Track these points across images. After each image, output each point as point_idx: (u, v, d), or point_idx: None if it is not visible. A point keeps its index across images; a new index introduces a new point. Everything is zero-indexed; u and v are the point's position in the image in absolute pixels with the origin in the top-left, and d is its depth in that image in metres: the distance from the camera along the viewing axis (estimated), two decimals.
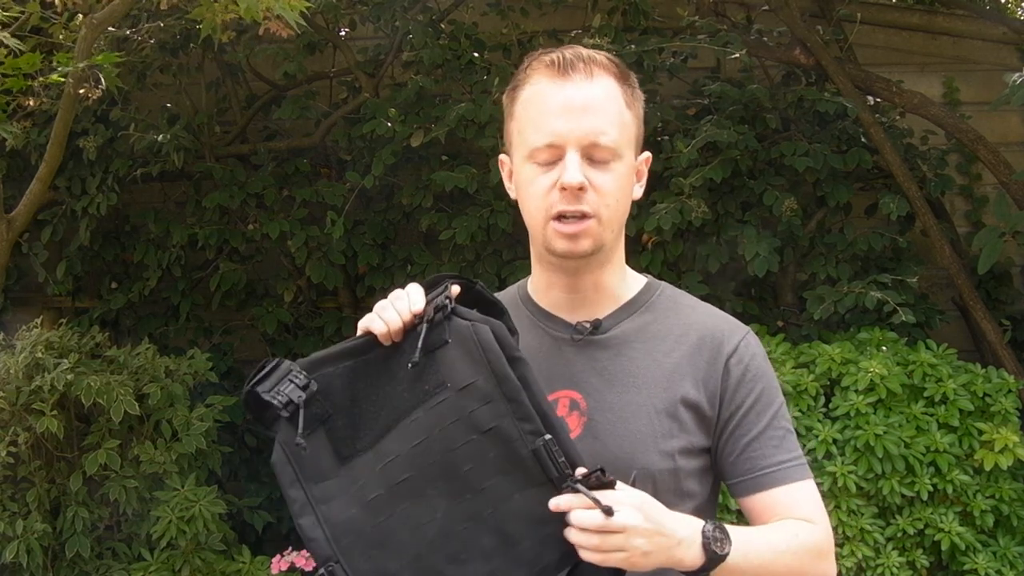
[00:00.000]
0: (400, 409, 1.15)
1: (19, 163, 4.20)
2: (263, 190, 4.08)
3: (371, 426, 1.16)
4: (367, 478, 1.14)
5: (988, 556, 3.11)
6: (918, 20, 4.37)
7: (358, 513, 1.13)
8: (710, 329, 1.34)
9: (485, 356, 1.14)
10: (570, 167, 1.23)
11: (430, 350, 1.15)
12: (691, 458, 1.29)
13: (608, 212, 1.26)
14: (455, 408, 1.13)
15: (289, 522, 3.98)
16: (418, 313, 1.17)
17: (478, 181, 3.74)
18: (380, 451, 1.14)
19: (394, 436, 1.14)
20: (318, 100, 4.23)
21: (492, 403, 1.12)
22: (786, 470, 1.29)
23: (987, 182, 4.16)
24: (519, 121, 1.30)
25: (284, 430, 1.16)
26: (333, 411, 1.16)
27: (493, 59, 4.00)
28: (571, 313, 1.35)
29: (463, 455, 1.11)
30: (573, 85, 1.25)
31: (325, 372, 1.17)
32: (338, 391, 1.17)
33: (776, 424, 1.31)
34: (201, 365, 3.73)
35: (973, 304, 3.75)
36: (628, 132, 1.28)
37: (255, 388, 1.16)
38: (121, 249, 4.41)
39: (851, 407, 3.14)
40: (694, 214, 3.44)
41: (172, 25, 3.80)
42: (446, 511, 1.10)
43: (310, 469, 1.15)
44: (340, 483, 1.14)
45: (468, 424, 1.12)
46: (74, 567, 3.46)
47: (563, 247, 1.27)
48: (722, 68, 4.19)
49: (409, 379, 1.15)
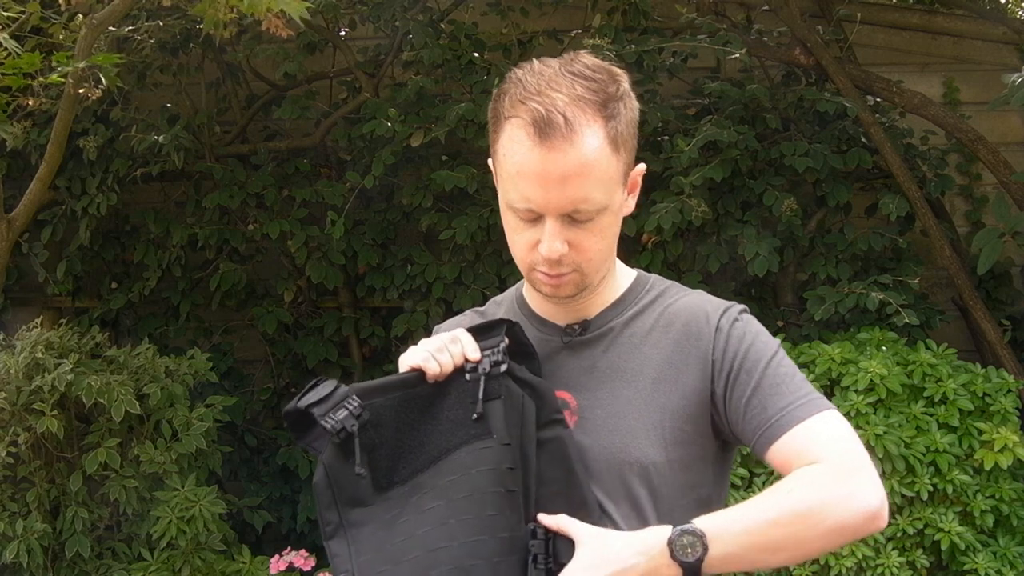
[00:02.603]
0: (442, 448, 1.21)
1: (19, 163, 4.20)
2: (263, 190, 4.08)
3: (410, 460, 1.21)
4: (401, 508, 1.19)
5: (988, 556, 3.11)
6: (918, 20, 4.37)
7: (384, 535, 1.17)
8: (694, 312, 1.32)
9: (522, 430, 1.21)
10: (547, 238, 1.21)
11: (485, 400, 1.21)
12: (687, 447, 1.28)
13: (591, 265, 1.26)
14: (494, 458, 1.19)
15: (289, 522, 3.99)
16: (472, 361, 1.23)
17: (478, 181, 3.74)
18: (417, 483, 1.20)
19: (432, 471, 1.20)
20: (318, 100, 4.23)
21: (516, 472, 1.19)
22: (791, 411, 1.23)
23: (987, 182, 4.16)
24: (500, 169, 1.26)
25: (330, 453, 1.18)
26: (379, 442, 1.20)
27: (493, 59, 4.00)
28: (562, 316, 1.36)
29: (489, 501, 1.17)
30: (551, 153, 1.17)
31: (376, 402, 1.20)
32: (386, 423, 1.21)
33: (770, 372, 1.26)
34: (201, 365, 3.73)
35: (973, 304, 3.75)
36: (614, 181, 1.23)
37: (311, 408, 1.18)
38: (121, 249, 4.41)
39: (851, 407, 3.14)
40: (694, 214, 3.44)
41: (172, 25, 3.80)
42: (461, 544, 1.15)
43: (348, 493, 1.19)
44: (375, 510, 1.19)
45: (499, 477, 1.18)
46: (74, 567, 3.46)
47: (547, 291, 1.29)
48: (722, 68, 4.19)
49: (454, 421, 1.21)
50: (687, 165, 3.47)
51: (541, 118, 1.17)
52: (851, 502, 1.14)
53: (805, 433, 1.21)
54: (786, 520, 1.13)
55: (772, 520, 1.13)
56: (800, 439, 1.20)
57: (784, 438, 1.21)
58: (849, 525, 1.14)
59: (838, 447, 1.19)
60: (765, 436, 1.23)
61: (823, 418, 1.22)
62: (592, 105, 1.19)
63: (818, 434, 1.20)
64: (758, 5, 4.22)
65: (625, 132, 1.23)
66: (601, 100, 1.20)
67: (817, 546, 1.15)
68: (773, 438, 1.22)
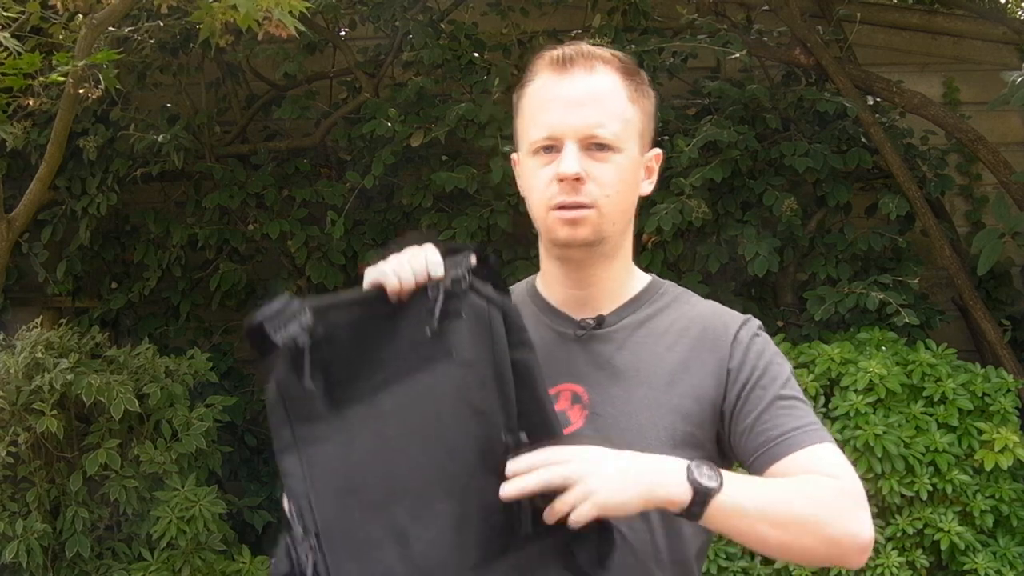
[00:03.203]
0: (401, 369, 1.16)
1: (19, 163, 4.20)
2: (263, 190, 4.08)
3: (368, 378, 1.16)
4: (358, 427, 1.14)
5: (988, 556, 3.11)
6: (918, 20, 4.37)
7: (340, 457, 1.13)
8: (712, 320, 1.34)
9: (492, 344, 1.16)
10: (567, 158, 1.24)
11: (444, 318, 1.16)
12: (695, 450, 1.27)
13: (608, 203, 1.27)
14: (455, 379, 1.15)
15: None
16: (436, 278, 1.17)
17: (478, 181, 3.74)
18: (374, 403, 1.15)
19: (391, 392, 1.15)
20: (318, 100, 4.23)
21: (486, 389, 1.14)
22: (800, 435, 1.24)
23: (987, 182, 4.16)
24: (523, 117, 1.33)
25: (282, 368, 1.14)
26: (333, 358, 1.15)
27: (493, 59, 4.00)
28: (576, 310, 1.35)
29: (451, 424, 1.13)
30: (571, 79, 1.27)
31: (331, 319, 1.16)
32: (341, 340, 1.16)
33: (784, 394, 1.27)
34: (201, 365, 3.73)
35: (973, 304, 3.75)
36: (631, 126, 1.29)
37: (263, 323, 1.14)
38: (121, 249, 4.41)
39: (850, 407, 3.14)
40: (694, 214, 3.44)
41: (172, 25, 3.80)
42: (421, 471, 1.12)
43: (301, 410, 1.14)
44: (329, 428, 1.14)
45: (463, 398, 1.14)
46: (74, 567, 3.46)
47: (564, 234, 1.27)
48: (722, 68, 4.19)
49: (414, 341, 1.16)
50: (687, 165, 3.47)
51: (563, 55, 1.28)
52: (855, 526, 1.17)
53: (810, 455, 1.22)
54: (800, 506, 1.15)
55: (788, 500, 1.15)
56: (805, 460, 1.22)
57: (789, 458, 1.22)
58: (842, 544, 1.16)
59: (847, 473, 1.22)
60: (770, 453, 1.24)
61: (828, 448, 1.24)
62: (613, 62, 1.30)
63: (823, 459, 1.23)
64: (758, 5, 4.22)
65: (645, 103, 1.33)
66: (624, 65, 1.31)
67: (807, 545, 1.16)
68: (778, 456, 1.23)
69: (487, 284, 1.20)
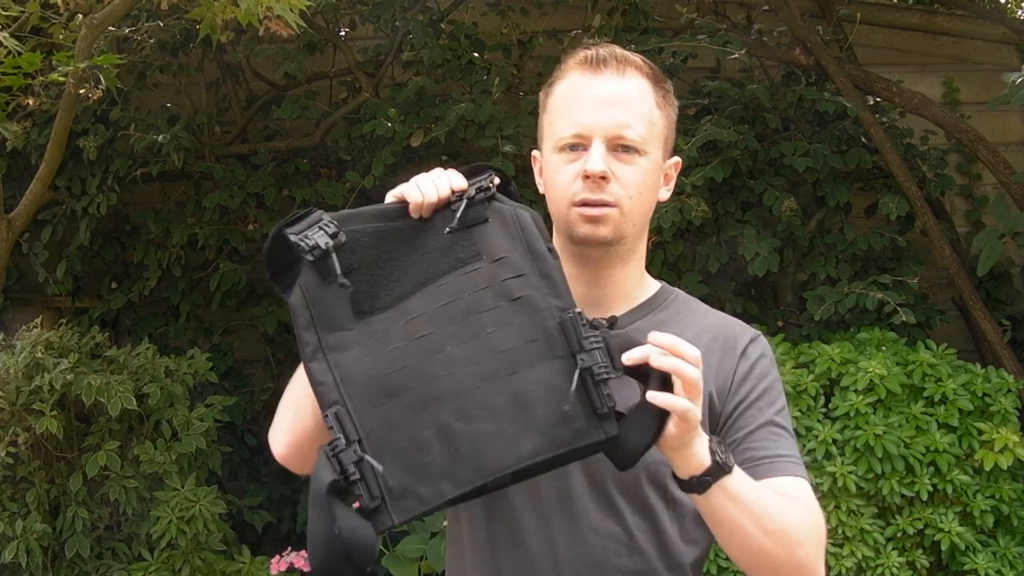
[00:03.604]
0: (429, 274, 1.14)
1: (19, 163, 4.20)
2: (263, 190, 4.08)
3: (394, 287, 1.14)
4: (386, 332, 1.12)
5: (988, 556, 3.11)
6: (918, 20, 4.37)
7: (372, 362, 1.10)
8: (723, 330, 1.36)
9: (523, 235, 1.15)
10: (594, 156, 1.25)
11: (469, 225, 1.15)
12: None
13: (630, 204, 1.28)
14: (487, 276, 1.12)
15: (289, 522, 3.99)
16: (458, 190, 1.16)
17: None
18: (402, 310, 1.13)
19: (419, 297, 1.13)
20: (318, 100, 4.23)
21: (525, 276, 1.13)
22: (785, 462, 1.27)
23: (987, 182, 4.16)
24: (551, 114, 1.33)
25: (306, 274, 1.13)
26: (358, 266, 1.13)
27: (493, 59, 4.00)
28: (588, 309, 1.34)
29: (488, 319, 1.10)
30: (603, 79, 1.29)
31: (354, 228, 1.14)
32: (364, 248, 1.14)
33: (777, 421, 1.30)
34: (201, 365, 3.73)
35: (973, 304, 3.75)
36: (656, 131, 1.31)
37: (284, 230, 1.13)
38: (121, 249, 4.41)
39: (851, 407, 3.14)
40: (694, 213, 3.44)
41: (172, 25, 3.80)
42: (463, 368, 1.09)
43: (327, 316, 1.12)
44: (356, 335, 1.12)
45: (498, 291, 1.12)
46: (74, 567, 3.46)
47: (584, 231, 1.28)
48: (722, 68, 4.19)
49: (441, 249, 1.15)
50: (687, 165, 3.47)
51: (596, 55, 1.30)
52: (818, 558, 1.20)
53: (792, 484, 1.24)
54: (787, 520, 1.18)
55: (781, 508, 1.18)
56: (787, 487, 1.24)
57: (776, 480, 1.24)
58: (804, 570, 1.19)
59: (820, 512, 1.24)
60: (756, 469, 1.25)
61: (805, 485, 1.27)
62: (643, 68, 1.33)
63: (802, 492, 1.25)
64: (758, 5, 4.22)
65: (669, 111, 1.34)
66: (652, 72, 1.34)
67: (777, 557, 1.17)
68: (759, 476, 1.24)
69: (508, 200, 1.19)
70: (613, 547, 1.27)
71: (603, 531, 1.27)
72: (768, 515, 1.16)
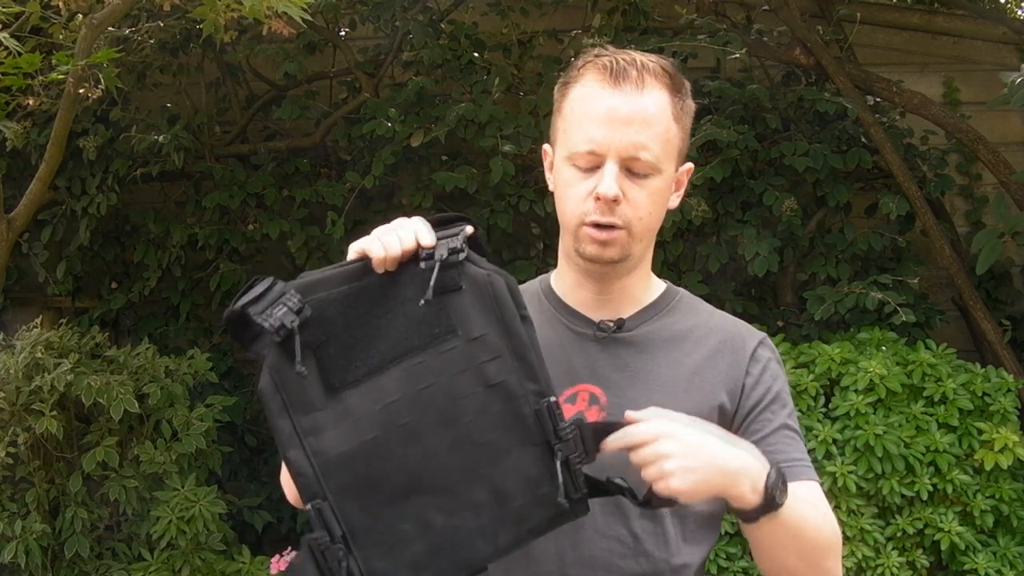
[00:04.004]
0: (403, 347, 1.10)
1: (19, 163, 4.20)
2: (263, 190, 4.08)
3: (365, 358, 1.10)
4: (363, 415, 1.09)
5: (988, 556, 3.11)
6: (918, 20, 4.37)
7: (350, 450, 1.08)
8: (730, 332, 1.36)
9: (499, 311, 1.13)
10: (607, 178, 1.23)
11: (442, 292, 1.11)
12: None
13: (640, 225, 1.27)
14: (464, 357, 1.11)
15: (289, 522, 3.98)
16: (426, 246, 1.11)
17: (478, 181, 3.73)
18: (378, 387, 1.10)
19: (395, 375, 1.10)
20: (318, 100, 4.23)
21: (501, 358, 1.11)
22: (800, 467, 1.28)
23: (987, 182, 4.16)
24: (566, 120, 1.30)
25: (274, 356, 1.08)
26: (326, 338, 1.09)
27: (493, 59, 4.00)
28: (595, 311, 1.36)
29: (466, 406, 1.10)
30: (622, 94, 1.24)
31: (319, 297, 1.09)
32: (332, 318, 1.10)
33: (790, 424, 1.32)
34: (201, 365, 3.73)
35: (973, 304, 3.75)
36: (671, 146, 1.28)
37: (246, 309, 1.08)
38: (121, 249, 4.41)
39: (851, 407, 3.14)
40: (694, 213, 3.44)
41: (172, 25, 3.80)
42: (442, 460, 1.09)
43: (298, 398, 1.08)
44: (330, 415, 1.09)
45: (475, 376, 1.10)
46: (74, 567, 3.46)
47: (592, 252, 1.27)
48: (722, 68, 4.19)
49: (413, 317, 1.11)
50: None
51: (616, 65, 1.25)
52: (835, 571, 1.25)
53: (810, 489, 1.27)
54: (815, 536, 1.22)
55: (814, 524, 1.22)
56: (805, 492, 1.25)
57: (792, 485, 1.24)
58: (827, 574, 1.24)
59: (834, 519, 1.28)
60: None
61: (819, 488, 1.30)
62: (663, 78, 1.27)
63: (819, 497, 1.28)
64: (758, 5, 4.22)
65: (685, 120, 1.31)
66: (672, 80, 1.29)
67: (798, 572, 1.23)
68: None
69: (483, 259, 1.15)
70: (619, 550, 1.27)
71: (609, 534, 1.27)
72: (806, 537, 1.20)
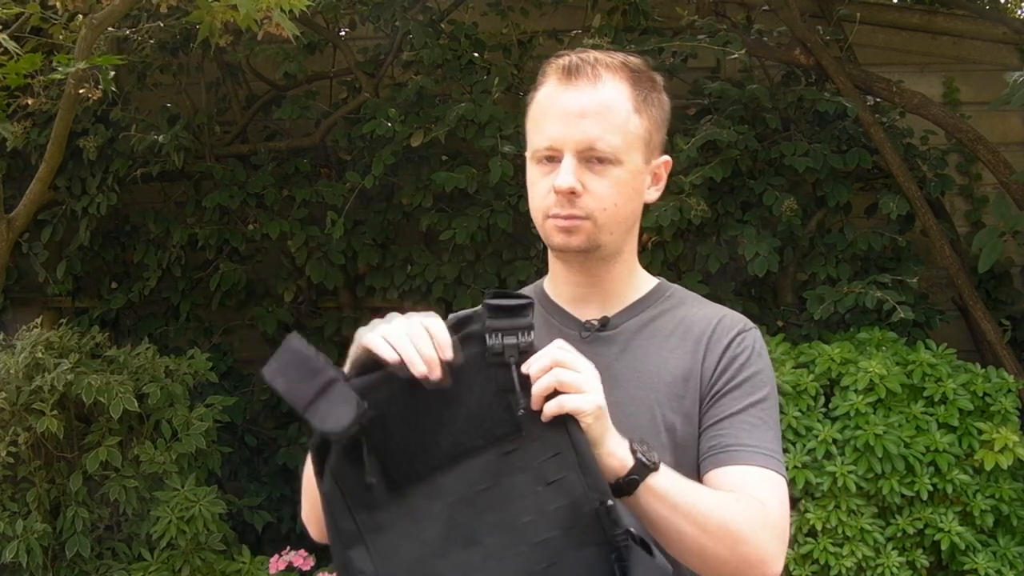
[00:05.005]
0: (464, 445, 1.09)
1: (19, 163, 4.21)
2: (263, 190, 4.08)
3: (424, 454, 1.09)
4: (423, 514, 1.08)
5: (988, 556, 3.11)
6: (918, 20, 4.36)
7: (409, 550, 1.08)
8: (713, 321, 1.34)
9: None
10: (563, 172, 1.25)
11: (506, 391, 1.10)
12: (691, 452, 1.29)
13: (604, 216, 1.27)
14: (525, 457, 1.09)
15: (289, 522, 3.99)
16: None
17: (478, 181, 3.74)
18: (438, 485, 1.09)
19: (456, 473, 1.09)
20: (318, 100, 4.24)
21: (560, 455, 1.09)
22: (749, 452, 1.25)
23: (987, 182, 4.16)
24: (530, 122, 1.34)
25: (336, 459, 1.07)
26: (385, 438, 1.08)
27: (493, 59, 4.00)
28: (582, 309, 1.36)
29: (524, 506, 1.08)
30: (576, 90, 1.27)
31: (379, 395, 1.08)
32: (392, 415, 1.09)
33: (755, 412, 1.28)
34: (201, 365, 3.74)
35: (973, 304, 3.75)
36: (634, 137, 1.28)
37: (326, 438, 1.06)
38: (121, 249, 4.41)
39: (851, 407, 3.14)
40: (694, 213, 3.44)
41: (172, 25, 3.80)
42: (500, 562, 1.07)
43: (361, 500, 1.08)
44: (393, 514, 1.08)
45: (535, 475, 1.09)
46: (74, 567, 3.46)
47: (558, 241, 1.29)
48: (722, 68, 4.19)
49: (473, 413, 1.10)
50: (687, 165, 3.47)
51: (571, 63, 1.28)
52: (768, 552, 1.18)
53: (746, 474, 1.23)
54: (724, 515, 1.16)
55: (717, 505, 1.17)
56: (741, 476, 1.23)
57: (736, 468, 1.23)
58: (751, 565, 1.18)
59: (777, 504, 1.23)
60: (718, 457, 1.25)
61: (769, 476, 1.24)
62: (623, 71, 1.29)
63: (760, 483, 1.23)
64: (758, 5, 4.22)
65: (654, 112, 1.31)
66: (634, 74, 1.30)
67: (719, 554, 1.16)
68: (719, 463, 1.24)
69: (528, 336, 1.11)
70: None
71: None
72: (703, 512, 1.15)
